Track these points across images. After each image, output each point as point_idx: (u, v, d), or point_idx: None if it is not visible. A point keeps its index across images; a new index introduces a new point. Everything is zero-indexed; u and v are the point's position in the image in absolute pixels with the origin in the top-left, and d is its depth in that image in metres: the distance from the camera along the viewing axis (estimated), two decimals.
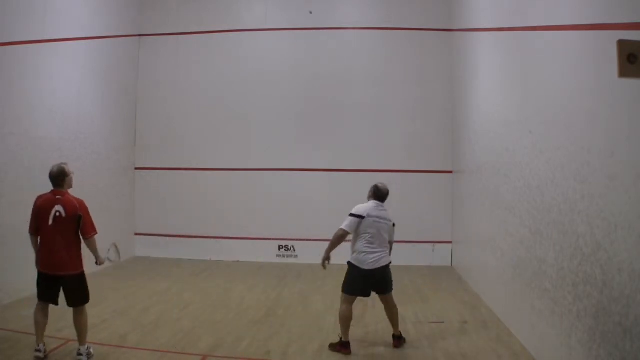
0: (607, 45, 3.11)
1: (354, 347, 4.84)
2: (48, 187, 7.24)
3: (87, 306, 4.75)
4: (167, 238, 9.89)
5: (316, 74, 9.81)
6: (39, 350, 4.42)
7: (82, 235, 4.50)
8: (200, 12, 10.09)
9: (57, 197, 4.49)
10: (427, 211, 9.43)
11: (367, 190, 5.13)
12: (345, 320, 4.83)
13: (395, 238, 5.16)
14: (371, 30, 9.85)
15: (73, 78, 7.98)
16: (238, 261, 9.54)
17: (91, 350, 4.54)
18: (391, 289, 5.02)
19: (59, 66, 7.56)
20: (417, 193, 9.46)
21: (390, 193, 5.07)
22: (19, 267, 6.51)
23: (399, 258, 9.53)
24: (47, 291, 4.45)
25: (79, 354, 4.44)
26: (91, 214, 4.69)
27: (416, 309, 6.39)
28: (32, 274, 6.78)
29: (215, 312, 6.21)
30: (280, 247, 9.60)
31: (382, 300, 5.04)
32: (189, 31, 10.04)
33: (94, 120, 8.52)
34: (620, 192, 3.18)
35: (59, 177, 4.58)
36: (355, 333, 5.09)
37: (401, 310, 6.30)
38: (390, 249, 5.04)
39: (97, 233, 4.57)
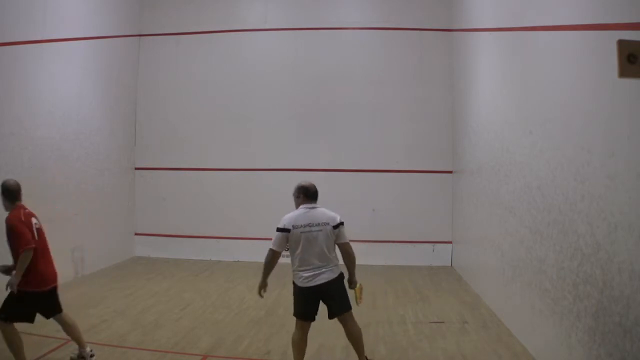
0: (607, 45, 3.11)
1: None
2: (48, 187, 7.28)
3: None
4: (167, 238, 9.90)
5: (316, 74, 9.80)
6: None
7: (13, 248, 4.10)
8: (200, 12, 10.09)
9: (26, 210, 4.24)
10: (427, 211, 9.42)
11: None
12: (294, 347, 4.22)
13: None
14: (371, 30, 9.85)
15: (73, 78, 7.98)
16: (238, 261, 9.54)
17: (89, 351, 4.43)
18: (346, 307, 4.17)
19: (59, 66, 7.56)
20: (417, 193, 9.46)
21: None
22: None
23: (399, 258, 9.65)
24: (33, 309, 4.20)
25: (81, 357, 4.38)
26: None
27: (416, 309, 6.39)
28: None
29: (215, 312, 6.21)
30: None
31: (340, 322, 4.25)
32: (189, 31, 10.04)
33: (94, 120, 8.52)
34: (620, 192, 3.18)
35: (19, 191, 4.26)
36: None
37: (401, 310, 6.36)
38: (347, 252, 4.23)
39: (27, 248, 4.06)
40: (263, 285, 4.32)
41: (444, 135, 9.49)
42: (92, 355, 4.42)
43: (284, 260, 9.74)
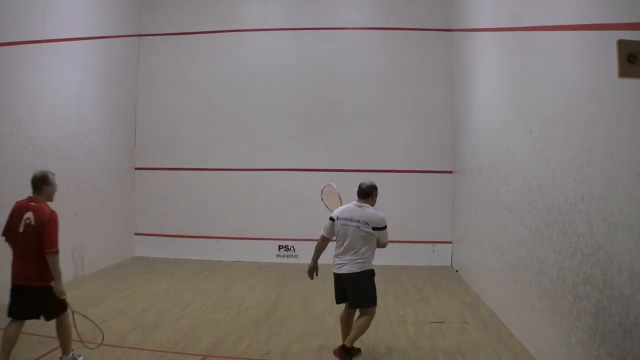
0: (607, 45, 3.11)
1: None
2: None
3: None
4: (167, 238, 9.90)
5: (316, 74, 9.81)
6: None
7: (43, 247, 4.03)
8: (200, 12, 10.09)
9: (31, 203, 4.15)
10: (427, 211, 9.43)
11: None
12: (340, 322, 4.74)
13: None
14: (371, 30, 9.85)
15: (73, 78, 7.98)
16: (238, 261, 9.54)
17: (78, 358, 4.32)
18: (364, 304, 4.52)
19: (59, 66, 7.56)
20: (417, 193, 9.46)
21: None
22: None
23: (399, 258, 9.63)
24: (20, 305, 4.08)
25: None
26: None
27: (416, 309, 6.39)
28: None
29: (215, 312, 6.21)
30: (280, 247, 9.59)
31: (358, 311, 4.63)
32: (189, 31, 10.05)
33: (94, 120, 8.52)
34: (620, 192, 3.18)
35: (38, 183, 4.22)
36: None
37: (401, 310, 6.35)
38: (366, 254, 4.53)
39: (57, 251, 4.05)
40: (312, 268, 4.74)
41: (444, 135, 9.49)
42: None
43: (285, 261, 9.73)
